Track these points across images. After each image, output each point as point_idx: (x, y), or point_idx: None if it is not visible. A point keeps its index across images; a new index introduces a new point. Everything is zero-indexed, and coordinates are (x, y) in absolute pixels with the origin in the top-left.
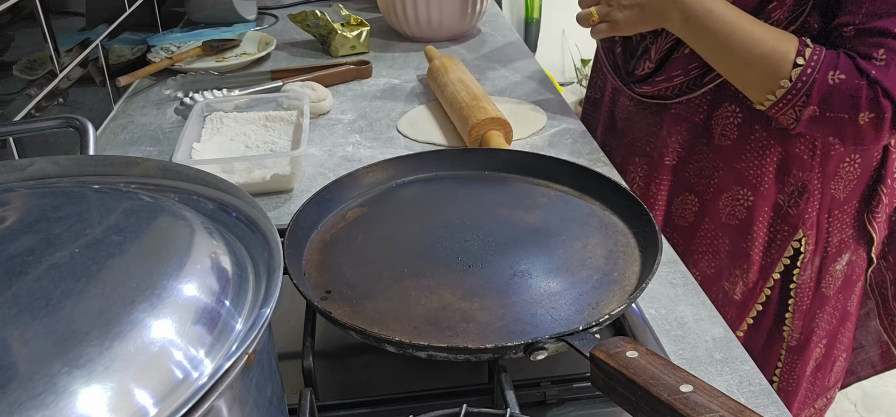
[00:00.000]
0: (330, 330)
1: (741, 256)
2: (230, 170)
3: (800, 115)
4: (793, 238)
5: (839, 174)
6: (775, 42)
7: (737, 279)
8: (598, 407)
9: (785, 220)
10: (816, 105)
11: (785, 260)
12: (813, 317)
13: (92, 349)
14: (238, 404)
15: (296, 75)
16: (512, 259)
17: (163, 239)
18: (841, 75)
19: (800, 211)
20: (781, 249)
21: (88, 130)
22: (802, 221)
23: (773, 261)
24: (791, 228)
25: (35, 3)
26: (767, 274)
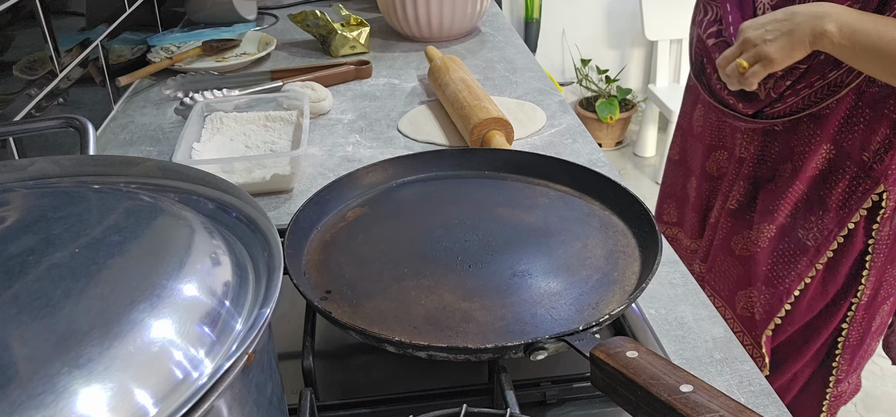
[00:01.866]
0: (330, 329)
1: (817, 203)
2: (230, 170)
3: None
4: (874, 191)
5: None
6: None
7: (812, 225)
8: (598, 407)
9: (868, 174)
10: None
11: (863, 211)
12: (884, 273)
13: (92, 349)
14: (238, 404)
15: (296, 75)
16: (512, 259)
17: (163, 239)
18: None
19: (884, 166)
20: (861, 200)
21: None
22: (885, 175)
23: (851, 211)
24: (873, 181)
25: (35, 3)
26: (844, 222)
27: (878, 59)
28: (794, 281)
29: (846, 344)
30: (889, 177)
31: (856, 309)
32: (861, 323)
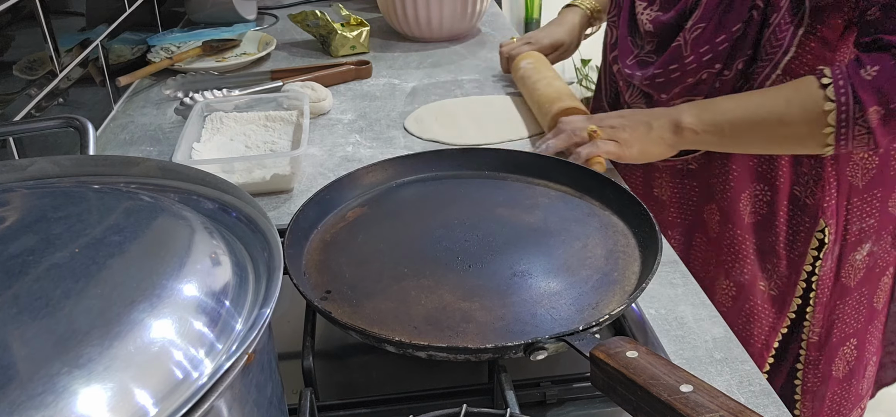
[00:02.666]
0: (330, 329)
1: (769, 251)
2: (230, 170)
3: (870, 125)
4: (816, 228)
5: (854, 161)
6: (793, 88)
7: (770, 274)
8: (598, 407)
9: (804, 211)
10: (876, 104)
11: (812, 251)
12: (834, 309)
13: (92, 349)
14: (238, 404)
15: (296, 75)
16: (512, 259)
17: (163, 239)
18: (873, 68)
19: (817, 201)
20: (806, 241)
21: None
22: (822, 211)
23: (802, 253)
24: (812, 219)
25: (35, 3)
26: (798, 267)
27: (752, 131)
28: (770, 335)
29: (805, 390)
30: (826, 212)
31: (807, 349)
32: (816, 366)
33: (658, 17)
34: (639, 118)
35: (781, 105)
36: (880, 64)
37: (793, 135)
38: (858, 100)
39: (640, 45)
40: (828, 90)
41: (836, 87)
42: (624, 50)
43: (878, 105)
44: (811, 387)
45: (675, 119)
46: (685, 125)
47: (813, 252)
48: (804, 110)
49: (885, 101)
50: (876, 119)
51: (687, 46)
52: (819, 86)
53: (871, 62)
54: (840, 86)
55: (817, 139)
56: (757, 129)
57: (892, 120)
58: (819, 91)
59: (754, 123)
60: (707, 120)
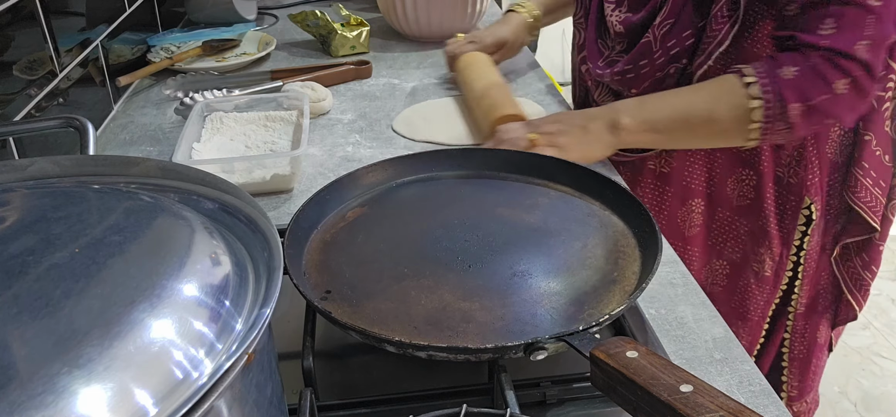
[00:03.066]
0: (330, 329)
1: (761, 234)
2: (230, 170)
3: (791, 121)
4: (802, 206)
5: (832, 138)
6: (717, 86)
7: (763, 256)
8: (598, 407)
9: (790, 191)
10: (797, 100)
11: (801, 227)
12: (818, 281)
13: (92, 349)
14: (238, 404)
15: (296, 75)
16: (512, 259)
17: (163, 239)
18: (793, 68)
19: (801, 180)
20: (794, 219)
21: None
22: (806, 189)
23: (790, 231)
24: (797, 197)
25: (35, 3)
26: (789, 242)
27: (683, 128)
28: (765, 308)
29: (792, 357)
30: (810, 189)
31: (794, 319)
32: (803, 335)
33: (628, 18)
34: (576, 121)
35: (710, 103)
36: (798, 64)
37: (721, 130)
38: (781, 98)
39: (610, 47)
40: (752, 88)
41: (761, 86)
42: (592, 53)
43: (799, 102)
44: (798, 355)
45: (612, 119)
46: (622, 125)
47: (801, 228)
48: (731, 107)
49: (805, 99)
50: (796, 114)
51: (656, 42)
52: (742, 84)
53: (789, 62)
54: (764, 84)
55: (743, 134)
56: (688, 126)
57: (811, 115)
58: (743, 89)
59: (686, 120)
60: (642, 119)
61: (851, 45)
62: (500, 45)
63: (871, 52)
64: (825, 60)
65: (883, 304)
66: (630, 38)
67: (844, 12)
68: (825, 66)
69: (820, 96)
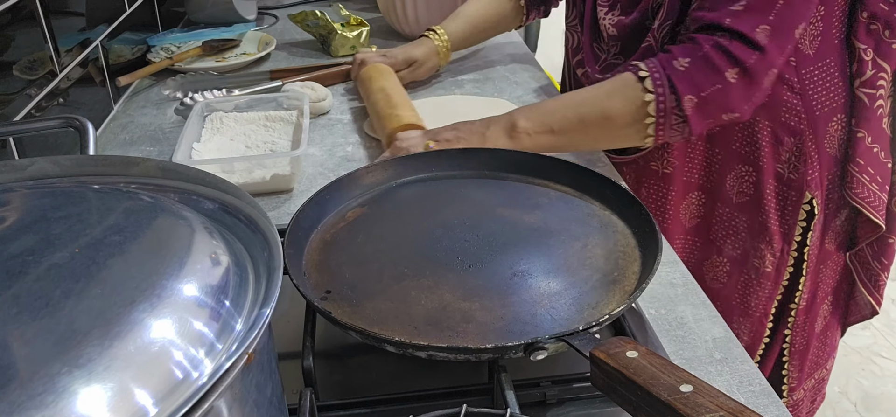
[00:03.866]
0: (330, 329)
1: (761, 230)
2: (230, 170)
3: (685, 114)
4: (802, 201)
5: (830, 133)
6: (613, 83)
7: (763, 252)
8: (598, 407)
9: (790, 187)
10: (690, 92)
11: (801, 223)
12: (818, 274)
13: (92, 349)
14: (238, 404)
15: (295, 75)
16: (512, 259)
17: (163, 239)
18: (685, 59)
19: (801, 175)
20: (795, 213)
21: (88, 130)
22: (807, 184)
23: (791, 226)
24: (798, 193)
25: (35, 3)
26: (790, 238)
27: (580, 127)
28: (767, 304)
29: (793, 351)
30: (811, 184)
31: (796, 315)
32: (804, 327)
33: (621, 21)
34: (474, 128)
35: (603, 100)
36: (690, 55)
37: (617, 127)
38: (674, 90)
39: (605, 51)
40: (646, 82)
41: (653, 79)
42: (589, 57)
43: (692, 94)
44: (798, 348)
45: (510, 123)
46: (519, 128)
47: (802, 223)
48: (625, 102)
49: (697, 90)
50: (690, 106)
51: (658, 45)
52: (636, 79)
53: (681, 54)
54: (656, 77)
55: (639, 130)
56: (584, 125)
57: (705, 107)
58: (637, 84)
59: (581, 119)
60: (538, 120)
61: (752, 28)
62: (410, 62)
63: (771, 38)
64: (716, 50)
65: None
66: (623, 42)
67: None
68: (716, 55)
69: (711, 86)
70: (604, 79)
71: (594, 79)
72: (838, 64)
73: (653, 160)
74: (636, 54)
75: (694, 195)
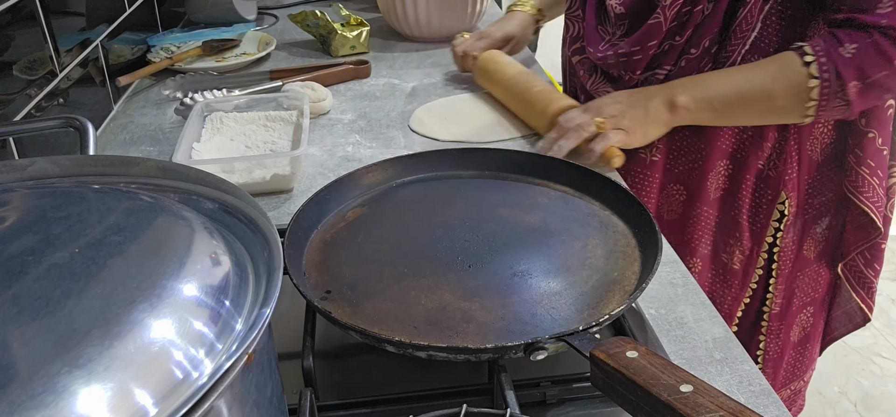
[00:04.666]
0: (330, 329)
1: (732, 225)
2: (230, 170)
3: (848, 98)
4: (777, 200)
5: (814, 135)
6: (776, 64)
7: (732, 248)
8: (598, 407)
9: (767, 184)
10: (855, 79)
11: (774, 223)
12: (794, 280)
13: (92, 349)
14: (238, 404)
15: (295, 75)
16: (512, 259)
17: (163, 239)
18: (852, 46)
19: (779, 173)
20: (769, 213)
21: (88, 130)
22: (783, 183)
23: (763, 225)
24: (773, 191)
25: (35, 3)
26: (761, 238)
27: (742, 106)
28: (733, 304)
29: (767, 358)
30: (787, 184)
31: (769, 320)
32: (778, 335)
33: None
34: (635, 101)
35: (768, 81)
36: (858, 42)
37: (778, 107)
38: (840, 76)
39: (610, 32)
40: (812, 67)
41: (819, 65)
42: (592, 38)
43: (858, 80)
44: (773, 355)
45: (670, 98)
46: (679, 104)
47: (774, 223)
48: (790, 85)
49: (863, 76)
50: (854, 92)
51: (667, 23)
52: (802, 63)
53: (848, 39)
54: (823, 63)
55: (799, 110)
56: (745, 104)
57: (869, 91)
58: (802, 68)
59: (743, 98)
60: (700, 97)
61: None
62: (509, 40)
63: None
64: (885, 37)
65: (883, 304)
66: (631, 20)
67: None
68: (885, 42)
69: (879, 72)
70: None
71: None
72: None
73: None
74: (642, 30)
75: (675, 187)
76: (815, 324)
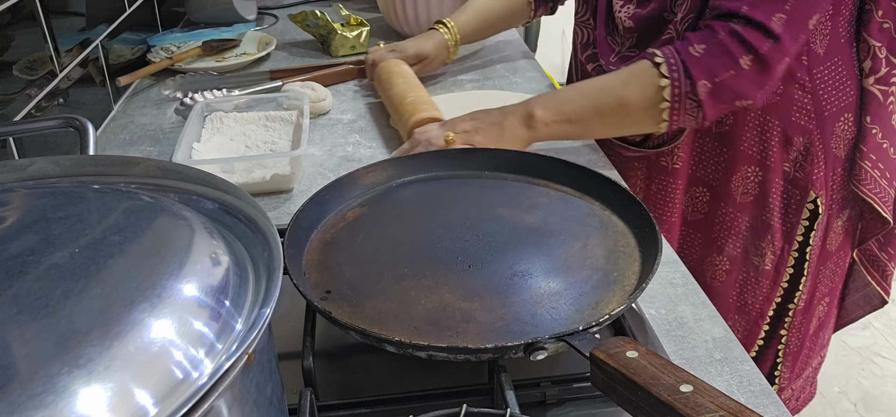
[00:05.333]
0: (330, 330)
1: (763, 228)
2: (230, 170)
3: (699, 99)
4: (806, 200)
5: (837, 133)
6: (628, 71)
7: (764, 250)
8: (598, 407)
9: (795, 185)
10: (704, 78)
11: (804, 221)
12: (818, 274)
13: (92, 349)
14: (238, 404)
15: (295, 75)
16: (512, 259)
17: (163, 239)
18: (701, 46)
19: (806, 174)
20: (798, 212)
21: (88, 130)
22: (812, 183)
23: (794, 225)
24: (802, 192)
25: (35, 3)
26: (791, 237)
27: (598, 117)
28: (765, 304)
29: (787, 352)
30: (816, 183)
31: (794, 315)
32: (800, 328)
33: (637, 13)
34: (491, 119)
35: (620, 87)
36: (706, 42)
37: (632, 113)
38: (689, 76)
39: (620, 43)
40: (661, 68)
41: (668, 65)
42: (604, 50)
43: (706, 79)
44: (793, 348)
45: (526, 113)
46: (536, 117)
47: (804, 222)
48: (641, 88)
49: (711, 76)
50: (704, 92)
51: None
52: (652, 65)
53: (697, 40)
54: (672, 63)
55: (654, 116)
56: (601, 114)
57: (718, 92)
58: (653, 69)
59: (597, 108)
60: (555, 109)
61: (768, 16)
62: (421, 57)
63: (786, 27)
64: (731, 37)
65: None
66: (640, 34)
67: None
68: (731, 41)
69: (725, 72)
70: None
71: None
72: (846, 63)
73: (663, 156)
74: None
75: (699, 189)
76: (829, 312)
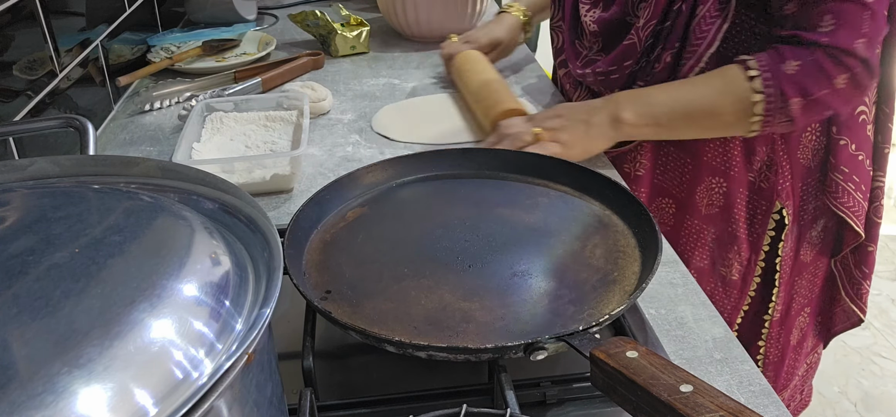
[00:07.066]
0: (330, 330)
1: (729, 239)
2: (230, 170)
3: (791, 113)
4: (772, 210)
5: (803, 143)
6: (720, 78)
7: (731, 261)
8: (598, 407)
9: (761, 195)
10: (798, 95)
11: (770, 232)
12: (793, 285)
13: (92, 349)
14: (238, 404)
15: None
16: (512, 259)
17: (163, 239)
18: (795, 63)
19: (772, 185)
20: (764, 222)
21: (88, 130)
22: (777, 193)
23: (760, 235)
24: (768, 202)
25: (35, 3)
26: (758, 247)
27: (685, 120)
28: (733, 313)
29: (767, 362)
30: (781, 193)
31: (770, 326)
32: (778, 339)
33: (601, 17)
34: (578, 116)
35: (714, 96)
36: (801, 59)
37: (723, 122)
38: (783, 93)
39: (587, 47)
40: (755, 83)
41: (763, 80)
42: (570, 55)
43: (800, 97)
44: (773, 359)
45: (614, 113)
46: (624, 119)
47: (770, 232)
48: (734, 100)
49: (805, 94)
50: (797, 108)
51: (641, 44)
52: (745, 78)
53: (791, 56)
54: (767, 79)
55: (744, 125)
56: (691, 119)
57: (812, 108)
58: (746, 83)
59: (688, 113)
60: (644, 112)
61: (851, 42)
62: (495, 44)
63: (869, 48)
64: (827, 56)
65: (883, 304)
66: (605, 38)
67: (842, 9)
68: (827, 61)
69: (821, 91)
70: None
71: (576, 75)
72: None
73: (625, 162)
74: (618, 50)
75: (665, 200)
76: (811, 323)
